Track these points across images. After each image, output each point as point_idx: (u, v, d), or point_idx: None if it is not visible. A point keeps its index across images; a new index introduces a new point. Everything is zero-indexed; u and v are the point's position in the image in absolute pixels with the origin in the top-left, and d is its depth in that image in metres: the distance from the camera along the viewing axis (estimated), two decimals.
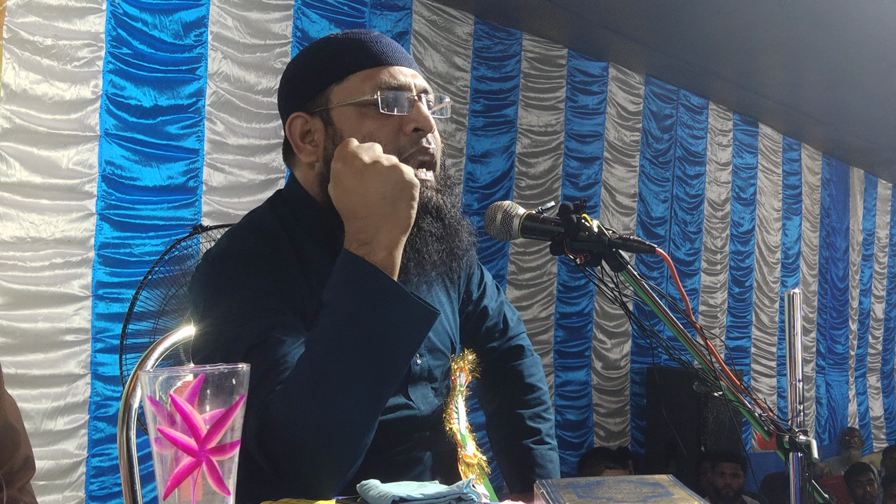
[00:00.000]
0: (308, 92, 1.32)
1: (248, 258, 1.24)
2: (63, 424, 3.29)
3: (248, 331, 1.17)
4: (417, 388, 1.37)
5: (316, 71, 1.31)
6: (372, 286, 1.15)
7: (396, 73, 1.30)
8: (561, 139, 5.68)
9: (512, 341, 1.62)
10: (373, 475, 1.14)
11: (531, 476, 1.49)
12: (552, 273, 5.64)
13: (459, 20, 5.00)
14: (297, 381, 1.12)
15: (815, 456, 1.10)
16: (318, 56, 1.33)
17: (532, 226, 1.32)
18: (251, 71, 3.95)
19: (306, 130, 1.33)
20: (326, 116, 1.30)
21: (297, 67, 1.37)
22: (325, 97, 1.30)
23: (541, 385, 1.60)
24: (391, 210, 1.18)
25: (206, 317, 1.23)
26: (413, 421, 1.34)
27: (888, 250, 9.57)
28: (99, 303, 3.42)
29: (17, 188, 3.18)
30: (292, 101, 1.34)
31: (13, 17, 3.14)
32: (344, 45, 1.31)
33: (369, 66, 1.29)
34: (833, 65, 5.85)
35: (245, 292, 1.21)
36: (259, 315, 1.19)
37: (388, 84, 1.28)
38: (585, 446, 5.83)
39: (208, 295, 1.25)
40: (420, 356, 1.37)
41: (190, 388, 0.81)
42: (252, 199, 3.92)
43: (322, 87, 1.30)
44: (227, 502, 0.83)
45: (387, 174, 1.18)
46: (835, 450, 8.20)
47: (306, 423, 1.10)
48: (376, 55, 1.30)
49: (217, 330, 1.20)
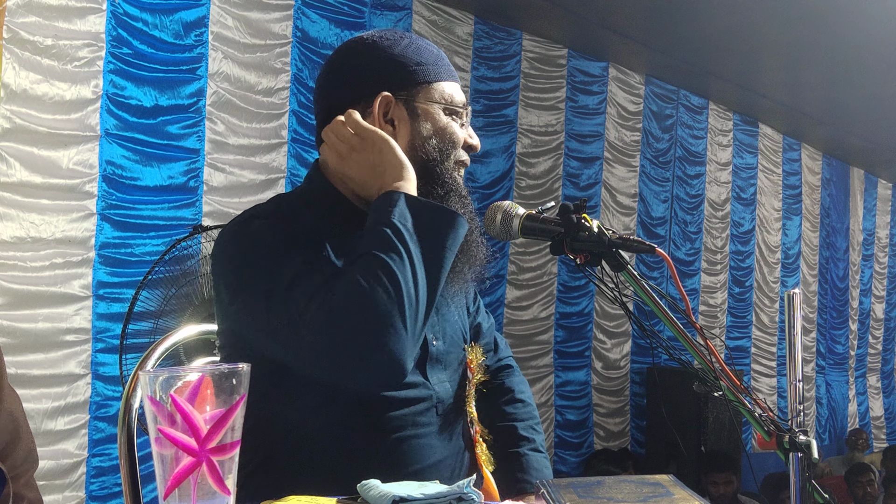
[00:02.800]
0: (398, 79, 1.41)
1: (272, 215, 1.34)
2: (63, 424, 3.29)
3: (290, 261, 1.24)
4: (434, 371, 1.41)
5: (409, 63, 1.42)
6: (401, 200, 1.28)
7: (461, 92, 1.48)
8: (561, 139, 5.68)
9: (502, 361, 1.67)
10: (393, 456, 1.25)
11: (527, 480, 1.51)
12: (552, 273, 5.64)
13: (459, 20, 5.00)
14: (363, 263, 1.21)
15: (815, 456, 1.10)
16: (411, 50, 1.43)
17: (532, 226, 1.33)
18: (251, 71, 3.95)
19: (386, 112, 1.41)
20: (413, 108, 1.41)
21: (384, 51, 1.43)
22: (416, 91, 1.41)
23: (531, 402, 1.65)
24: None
25: (238, 267, 1.29)
26: (429, 401, 1.38)
27: (888, 250, 9.57)
28: (99, 303, 3.42)
29: (17, 188, 3.19)
30: (379, 80, 1.41)
31: (13, 17, 3.15)
32: (433, 52, 1.47)
33: (453, 79, 1.47)
34: (833, 65, 5.85)
35: (276, 240, 1.28)
36: (295, 252, 1.26)
37: (462, 101, 1.47)
38: (585, 446, 5.83)
39: (237, 250, 1.31)
40: (436, 339, 1.42)
41: (190, 388, 0.81)
42: (252, 198, 3.91)
43: (416, 82, 1.41)
44: (227, 502, 0.83)
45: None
46: (835, 449, 8.20)
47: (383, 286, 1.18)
48: (453, 72, 1.48)
49: (253, 272, 1.26)
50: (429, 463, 1.35)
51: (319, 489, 1.21)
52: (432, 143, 1.40)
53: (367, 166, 1.33)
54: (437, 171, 1.40)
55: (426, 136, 1.40)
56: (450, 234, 1.28)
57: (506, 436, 1.57)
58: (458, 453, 1.43)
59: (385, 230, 1.23)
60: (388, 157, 1.32)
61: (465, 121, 1.46)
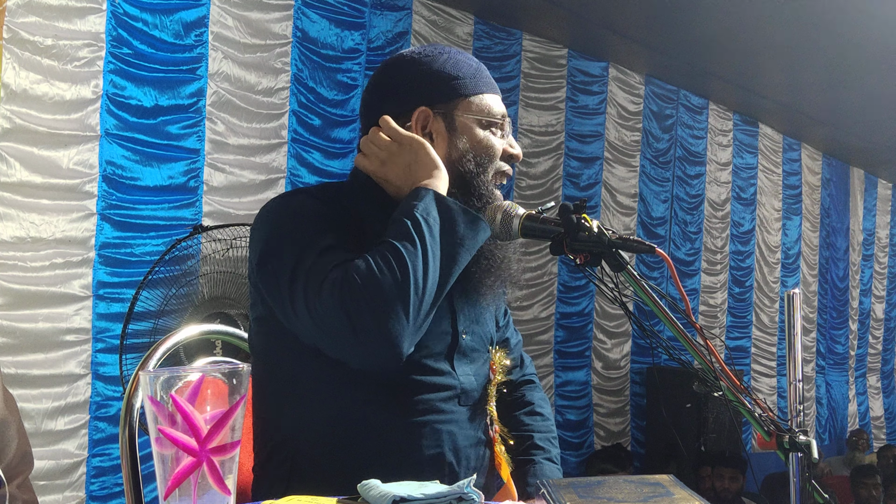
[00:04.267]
0: (436, 93, 1.46)
1: (315, 195, 1.42)
2: (63, 424, 3.29)
3: (321, 239, 1.32)
4: (461, 364, 1.44)
5: (448, 78, 1.46)
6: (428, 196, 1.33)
7: (500, 104, 1.51)
8: (561, 139, 5.68)
9: (526, 376, 1.71)
10: (414, 438, 1.32)
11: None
12: (553, 273, 5.64)
13: (459, 20, 5.00)
14: (380, 250, 1.27)
15: (815, 456, 1.10)
16: (449, 65, 1.48)
17: (532, 226, 1.33)
18: (251, 71, 3.95)
19: (424, 125, 1.45)
20: (451, 121, 1.45)
21: (424, 66, 1.48)
22: (453, 104, 1.46)
23: (550, 417, 1.69)
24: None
25: (273, 236, 1.36)
26: (454, 390, 1.42)
27: (888, 250, 9.57)
28: (99, 303, 3.42)
29: (17, 188, 3.19)
30: (418, 94, 1.46)
31: (13, 17, 3.15)
32: (472, 65, 1.50)
33: (493, 91, 1.50)
34: (833, 65, 5.85)
35: (312, 216, 1.36)
36: (327, 231, 1.33)
37: (501, 112, 1.49)
38: (585, 446, 5.83)
39: (275, 220, 1.39)
40: (465, 333, 1.46)
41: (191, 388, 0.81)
42: (253, 198, 3.92)
43: (453, 96, 1.46)
44: (228, 502, 0.83)
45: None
46: (835, 449, 8.20)
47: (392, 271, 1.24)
48: (493, 84, 1.52)
49: (285, 243, 1.34)
50: (447, 448, 1.39)
51: (339, 471, 1.27)
52: (469, 157, 1.44)
53: (404, 166, 1.38)
54: (475, 183, 1.44)
55: (463, 150, 1.44)
56: (468, 233, 1.32)
57: (521, 444, 1.59)
58: (478, 445, 1.46)
59: (406, 221, 1.28)
60: (422, 157, 1.38)
61: (506, 131, 1.50)
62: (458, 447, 1.41)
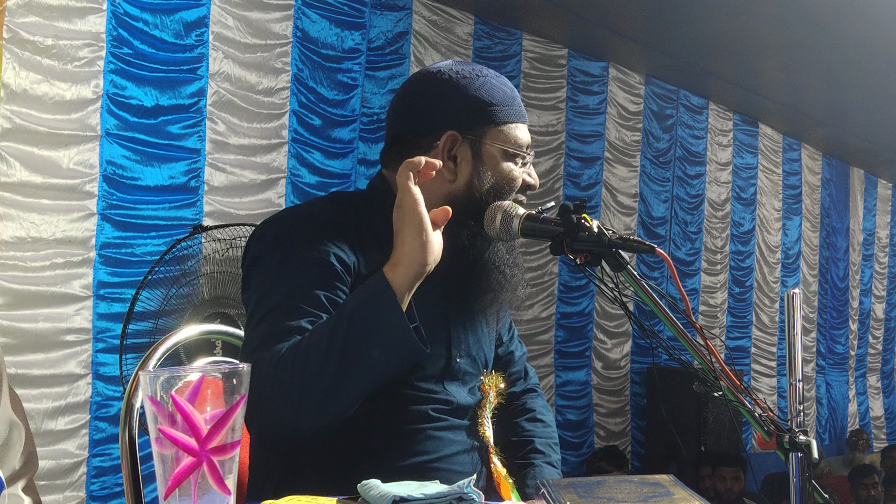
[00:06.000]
0: (467, 118, 1.44)
1: (309, 218, 1.41)
2: (64, 424, 3.29)
3: (279, 291, 1.32)
4: (452, 386, 1.45)
5: (481, 104, 1.45)
6: (373, 292, 1.27)
7: (527, 133, 1.51)
8: (562, 139, 5.68)
9: (528, 385, 1.72)
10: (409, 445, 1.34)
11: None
12: (553, 273, 5.64)
13: (459, 20, 5.00)
14: (288, 352, 1.25)
15: (815, 456, 1.10)
16: (484, 91, 1.46)
17: (532, 226, 1.33)
18: (252, 71, 3.95)
19: (451, 148, 1.43)
20: (477, 148, 1.44)
21: (459, 88, 1.46)
22: (481, 131, 1.44)
23: (552, 424, 1.69)
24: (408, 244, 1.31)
25: (255, 265, 1.39)
26: (450, 404, 1.43)
27: (888, 250, 9.56)
28: (100, 303, 3.42)
29: (17, 188, 3.19)
30: (448, 117, 1.44)
31: (13, 17, 3.15)
32: (507, 92, 1.49)
33: (522, 121, 1.50)
34: (833, 65, 5.85)
35: (289, 255, 1.35)
36: (294, 280, 1.33)
37: (527, 143, 1.50)
38: (586, 446, 5.83)
39: (264, 247, 1.40)
40: (459, 357, 1.46)
41: (191, 388, 0.81)
42: (253, 198, 3.92)
43: (484, 123, 1.44)
44: (228, 502, 0.83)
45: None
46: (835, 450, 8.19)
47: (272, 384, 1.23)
48: (523, 113, 1.52)
49: (258, 282, 1.37)
50: (444, 454, 1.40)
51: (334, 476, 1.27)
52: (489, 186, 1.43)
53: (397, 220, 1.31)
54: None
55: (484, 178, 1.43)
56: (393, 356, 1.27)
57: (521, 449, 1.60)
58: (473, 451, 1.46)
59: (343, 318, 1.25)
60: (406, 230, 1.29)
61: (528, 161, 1.50)
62: (454, 452, 1.41)
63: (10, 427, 1.17)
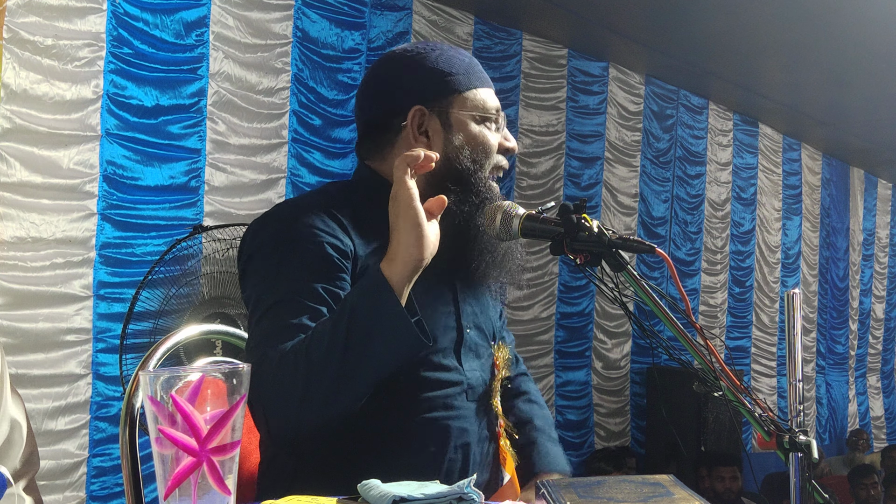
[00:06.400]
0: (430, 91, 1.44)
1: (301, 211, 1.39)
2: (64, 424, 3.29)
3: (277, 287, 1.32)
4: (467, 359, 1.45)
5: (440, 74, 1.45)
6: (372, 290, 1.26)
7: (494, 97, 1.50)
8: (562, 139, 5.68)
9: (519, 370, 1.73)
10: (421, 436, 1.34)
11: (541, 465, 1.55)
12: (553, 273, 5.64)
13: (459, 20, 5.00)
14: (292, 350, 1.25)
15: (815, 456, 1.10)
16: (442, 61, 1.46)
17: (532, 226, 1.33)
18: (252, 71, 3.95)
19: (420, 124, 1.44)
20: (446, 119, 1.45)
21: (416, 64, 1.47)
22: (447, 101, 1.45)
23: (546, 407, 1.72)
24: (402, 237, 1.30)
25: (251, 262, 1.40)
26: (461, 385, 1.43)
27: (888, 250, 9.57)
28: (100, 303, 3.42)
29: (17, 188, 3.19)
30: (412, 93, 1.45)
31: (13, 17, 3.15)
32: (465, 60, 1.49)
33: (486, 85, 1.49)
34: (833, 65, 5.85)
35: (284, 250, 1.35)
36: (292, 276, 1.33)
37: (496, 106, 1.49)
38: (586, 446, 5.83)
39: (258, 244, 1.40)
40: (468, 328, 1.47)
41: (191, 388, 0.81)
42: (254, 198, 3.92)
43: (447, 93, 1.45)
44: (228, 502, 0.83)
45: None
46: (835, 450, 8.19)
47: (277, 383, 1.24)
48: (486, 78, 1.51)
49: (257, 279, 1.38)
50: (456, 444, 1.40)
51: (346, 469, 1.27)
52: (465, 154, 1.43)
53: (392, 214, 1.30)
54: (472, 180, 1.43)
55: (459, 147, 1.44)
56: (396, 351, 1.27)
57: (521, 428, 1.61)
58: (483, 441, 1.46)
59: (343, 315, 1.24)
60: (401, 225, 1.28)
61: (500, 125, 1.49)
62: (465, 444, 1.41)
63: (12, 426, 1.17)
